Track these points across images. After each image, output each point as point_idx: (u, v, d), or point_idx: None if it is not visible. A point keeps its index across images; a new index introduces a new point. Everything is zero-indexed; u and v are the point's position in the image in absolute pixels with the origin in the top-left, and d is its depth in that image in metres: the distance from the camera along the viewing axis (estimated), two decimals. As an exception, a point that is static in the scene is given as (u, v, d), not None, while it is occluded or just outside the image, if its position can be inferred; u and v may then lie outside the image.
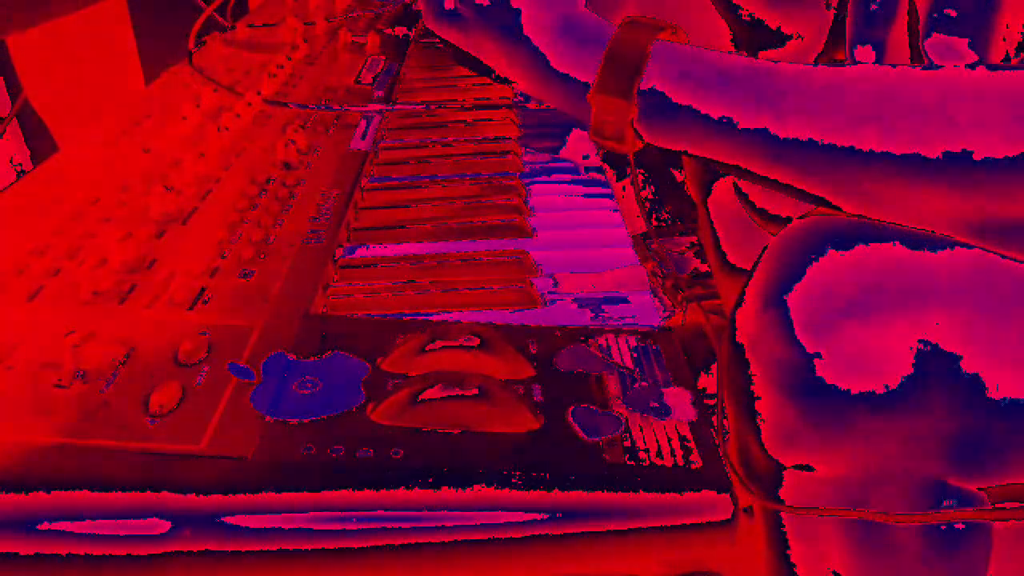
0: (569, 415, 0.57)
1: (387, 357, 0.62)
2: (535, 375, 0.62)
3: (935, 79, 0.48)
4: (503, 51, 0.59)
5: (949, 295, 0.47)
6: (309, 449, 0.54)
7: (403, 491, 0.52)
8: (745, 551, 0.54)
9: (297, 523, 0.51)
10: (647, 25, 0.55)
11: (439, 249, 0.82)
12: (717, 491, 0.53)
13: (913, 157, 0.47)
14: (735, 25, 0.82)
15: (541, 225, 0.86)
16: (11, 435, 0.54)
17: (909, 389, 0.47)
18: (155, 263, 0.73)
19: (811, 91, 0.50)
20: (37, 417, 0.55)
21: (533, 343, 0.65)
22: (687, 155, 0.55)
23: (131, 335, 0.63)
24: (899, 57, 0.63)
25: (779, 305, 0.49)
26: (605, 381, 0.61)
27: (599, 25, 0.57)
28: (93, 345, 0.61)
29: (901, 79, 0.49)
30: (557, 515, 0.52)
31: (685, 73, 0.53)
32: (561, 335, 0.66)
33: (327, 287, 0.74)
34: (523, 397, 0.59)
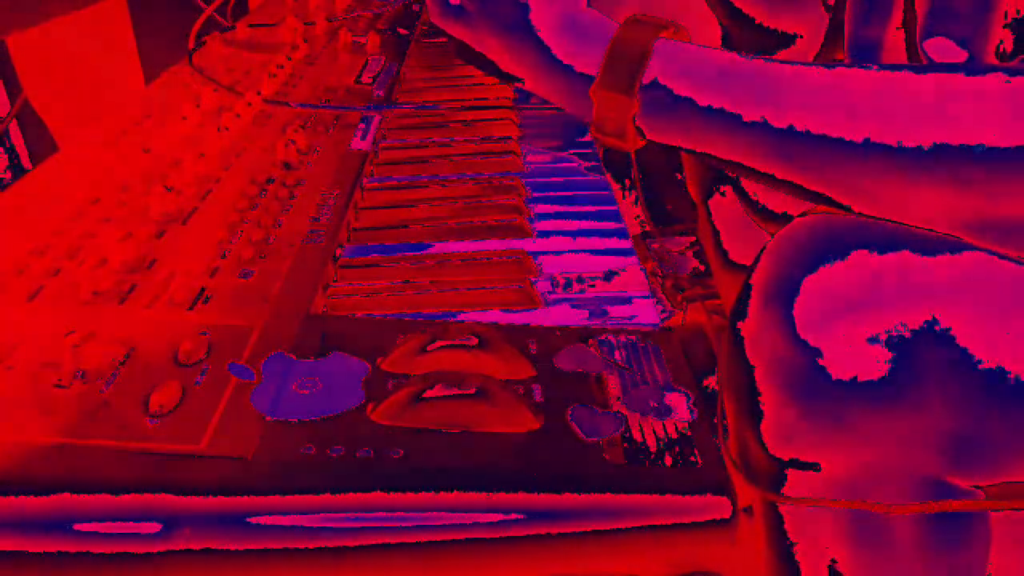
0: (569, 415, 0.58)
1: (387, 357, 0.62)
2: (535, 375, 0.62)
3: (934, 76, 0.48)
4: (507, 47, 0.59)
5: (949, 292, 0.47)
6: (309, 449, 0.54)
7: (403, 491, 0.52)
8: (745, 551, 0.54)
9: (297, 523, 0.51)
10: (650, 23, 0.55)
11: (439, 249, 0.82)
12: (717, 491, 0.53)
13: (911, 154, 0.47)
14: (734, 26, 0.82)
15: (541, 225, 0.87)
16: (11, 435, 0.54)
17: (908, 387, 0.47)
18: (155, 263, 0.73)
19: (811, 88, 0.50)
20: (37, 417, 0.55)
21: (533, 343, 0.65)
22: (688, 152, 0.55)
23: (131, 335, 0.63)
24: (897, 57, 0.64)
25: (780, 302, 0.49)
26: (605, 381, 0.61)
27: (602, 22, 0.57)
28: (93, 345, 0.61)
29: (900, 77, 0.49)
30: (557, 515, 0.52)
31: (686, 70, 0.53)
32: (561, 335, 0.66)
33: (327, 287, 0.74)
34: (523, 397, 0.59)
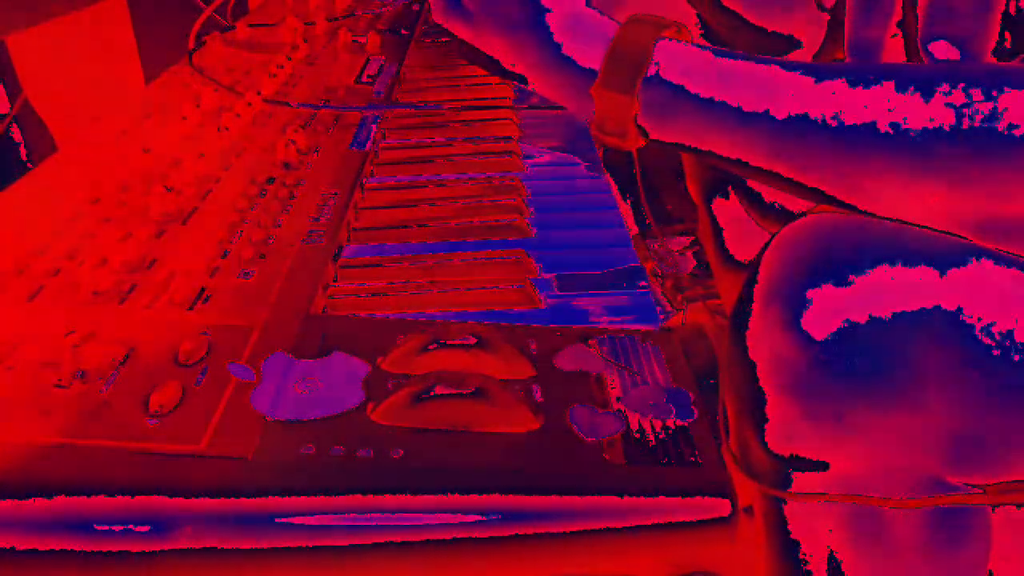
0: (569, 415, 0.58)
1: (387, 357, 0.62)
2: (535, 375, 0.62)
3: (933, 74, 0.48)
4: (508, 45, 0.59)
5: (951, 292, 0.47)
6: (309, 449, 0.54)
7: (403, 491, 0.52)
8: (745, 551, 0.54)
9: (297, 523, 0.51)
10: (651, 23, 0.55)
11: (439, 249, 0.82)
12: (717, 491, 0.53)
13: (911, 152, 0.47)
14: (729, 28, 0.82)
15: (541, 225, 0.87)
16: (11, 435, 0.54)
17: (909, 386, 0.48)
18: (155, 263, 0.73)
19: (810, 86, 0.50)
20: (37, 417, 0.55)
21: (533, 343, 0.65)
22: (689, 151, 0.55)
23: (131, 335, 0.63)
24: (897, 57, 0.64)
25: (782, 301, 0.49)
26: (605, 381, 0.61)
27: (603, 22, 0.57)
28: (93, 345, 0.61)
29: (899, 75, 0.49)
30: (557, 515, 0.52)
31: (687, 70, 0.53)
32: (561, 335, 0.66)
33: (327, 287, 0.74)
34: (523, 397, 0.59)
